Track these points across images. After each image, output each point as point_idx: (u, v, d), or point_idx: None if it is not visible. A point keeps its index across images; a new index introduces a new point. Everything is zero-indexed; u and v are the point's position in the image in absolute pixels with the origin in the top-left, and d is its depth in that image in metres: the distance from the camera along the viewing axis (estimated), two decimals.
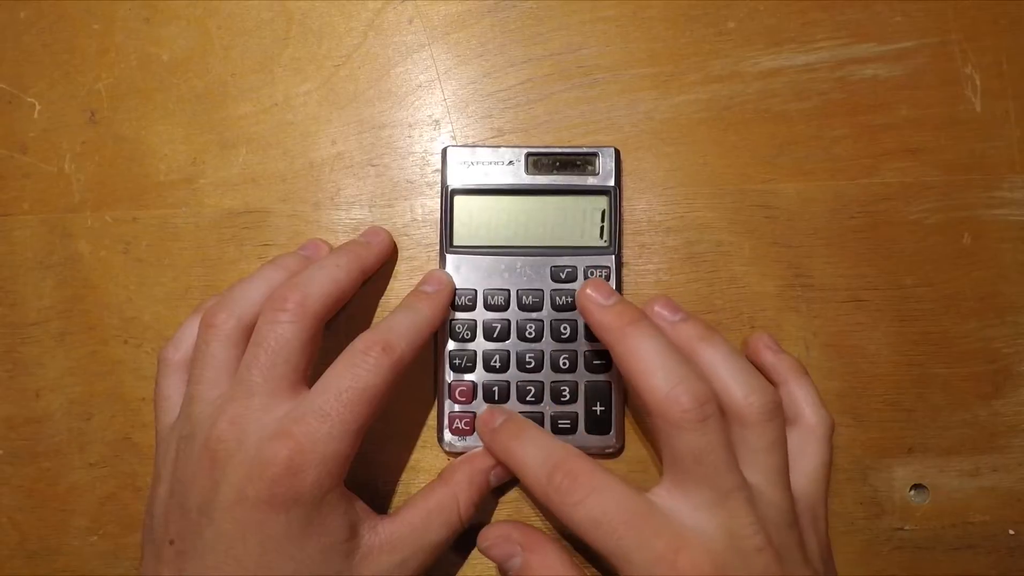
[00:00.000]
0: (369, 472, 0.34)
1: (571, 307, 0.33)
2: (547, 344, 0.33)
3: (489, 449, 0.31)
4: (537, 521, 0.34)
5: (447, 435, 0.33)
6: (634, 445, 0.34)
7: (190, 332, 0.31)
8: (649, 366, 0.27)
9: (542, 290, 0.33)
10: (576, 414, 0.33)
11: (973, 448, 0.34)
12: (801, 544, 0.28)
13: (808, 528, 0.29)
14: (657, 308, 0.31)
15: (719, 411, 0.27)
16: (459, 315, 0.33)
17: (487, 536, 0.30)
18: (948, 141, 0.35)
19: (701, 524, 0.26)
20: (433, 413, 0.34)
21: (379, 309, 0.35)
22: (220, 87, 0.36)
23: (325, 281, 0.30)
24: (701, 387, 0.27)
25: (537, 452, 0.28)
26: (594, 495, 0.26)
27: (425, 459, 0.34)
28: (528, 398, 0.33)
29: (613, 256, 0.33)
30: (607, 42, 0.36)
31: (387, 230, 0.35)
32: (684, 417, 0.26)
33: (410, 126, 0.36)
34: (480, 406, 0.33)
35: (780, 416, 0.29)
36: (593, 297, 0.29)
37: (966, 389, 0.34)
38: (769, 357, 0.33)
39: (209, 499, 0.26)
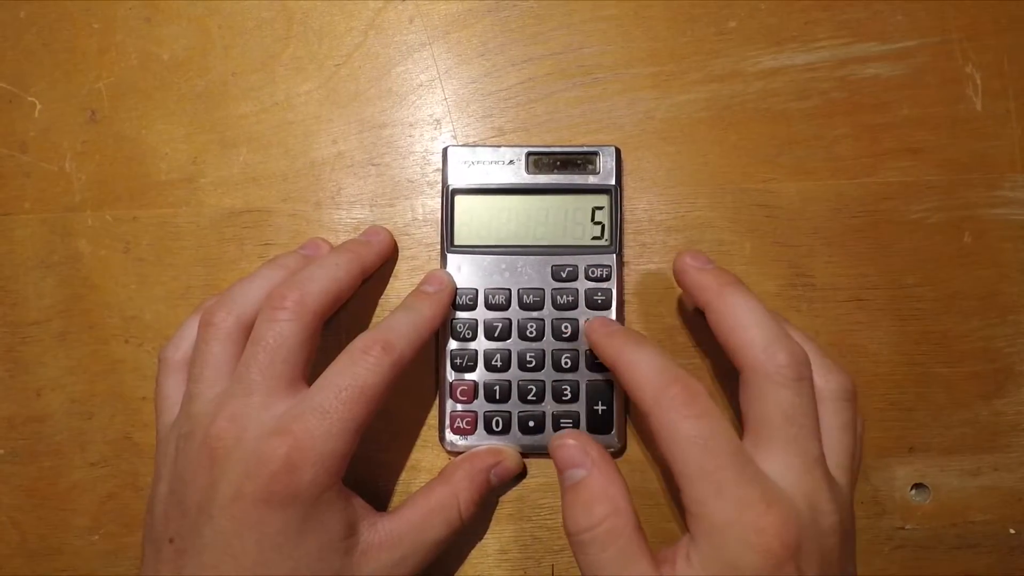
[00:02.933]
0: (370, 471, 0.34)
1: (572, 306, 0.33)
2: (548, 343, 0.33)
3: (599, 350, 0.30)
4: (538, 519, 0.34)
5: (448, 434, 0.33)
6: (636, 444, 0.34)
7: (190, 331, 0.31)
8: (748, 322, 0.27)
9: (543, 289, 0.33)
10: (577, 413, 0.33)
11: (974, 447, 0.34)
12: (853, 540, 0.28)
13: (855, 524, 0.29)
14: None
15: (812, 379, 0.27)
16: (460, 314, 0.33)
17: (559, 437, 0.28)
18: (949, 140, 0.35)
19: (789, 488, 0.25)
20: (434, 412, 0.34)
21: (379, 308, 0.35)
22: (221, 86, 0.36)
23: (325, 280, 0.30)
24: (799, 349, 0.27)
25: (658, 360, 0.27)
26: (708, 418, 0.25)
27: (426, 458, 0.34)
28: (529, 397, 0.33)
29: (614, 255, 0.33)
30: (608, 41, 0.36)
31: (388, 229, 0.35)
32: (781, 372, 0.26)
33: (411, 125, 0.36)
34: (481, 406, 0.33)
35: (855, 401, 0.29)
36: (691, 262, 0.30)
37: (967, 388, 0.34)
38: None
39: (208, 497, 0.26)
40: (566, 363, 0.33)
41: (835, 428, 0.28)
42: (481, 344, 0.33)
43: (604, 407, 0.33)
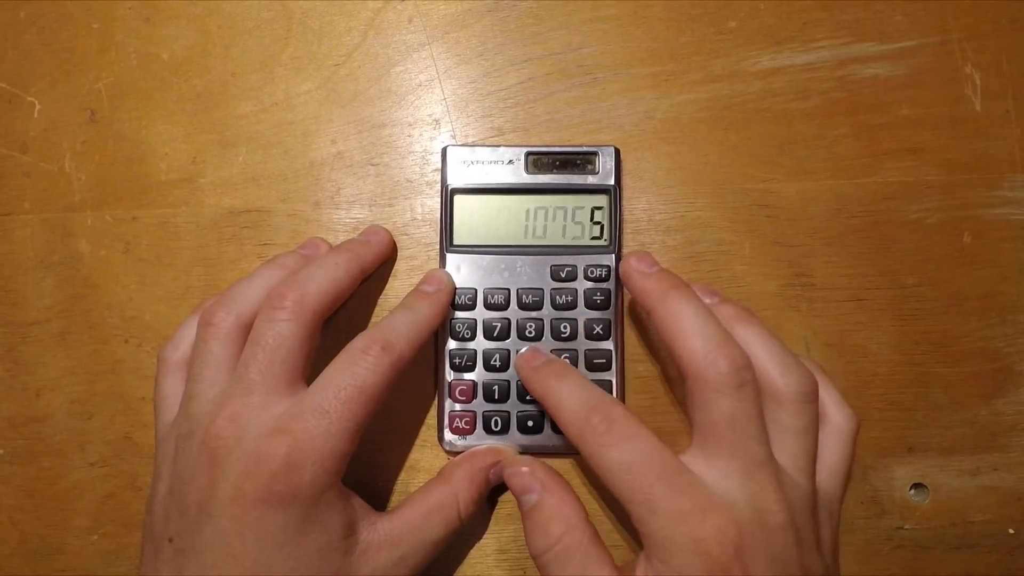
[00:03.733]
0: (369, 471, 0.34)
1: (571, 306, 0.33)
2: (547, 343, 0.33)
3: (528, 385, 0.31)
4: None
5: (447, 434, 0.33)
6: None
7: (189, 331, 0.31)
8: (688, 329, 0.27)
9: (542, 289, 0.33)
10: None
11: (974, 447, 0.34)
12: (817, 535, 0.28)
13: (824, 522, 0.29)
14: (695, 289, 0.31)
15: (756, 383, 0.27)
16: (459, 314, 0.33)
17: (512, 465, 0.30)
18: (949, 140, 0.35)
19: (730, 492, 0.26)
20: (433, 412, 0.34)
21: (379, 308, 0.35)
22: (220, 86, 0.36)
23: (324, 279, 0.30)
24: (739, 353, 0.27)
25: (578, 393, 0.28)
26: (631, 441, 0.26)
27: (425, 458, 0.34)
28: (528, 397, 0.33)
29: (613, 255, 0.33)
30: (607, 41, 0.36)
31: (387, 229, 0.35)
32: (721, 380, 0.26)
33: (410, 125, 0.36)
34: (480, 405, 0.33)
35: (815, 401, 0.29)
36: (636, 265, 0.30)
37: (967, 388, 0.34)
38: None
39: (207, 496, 0.26)
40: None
41: (791, 431, 0.28)
42: (480, 344, 0.33)
43: None
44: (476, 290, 0.33)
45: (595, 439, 0.26)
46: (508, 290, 0.33)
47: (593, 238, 0.33)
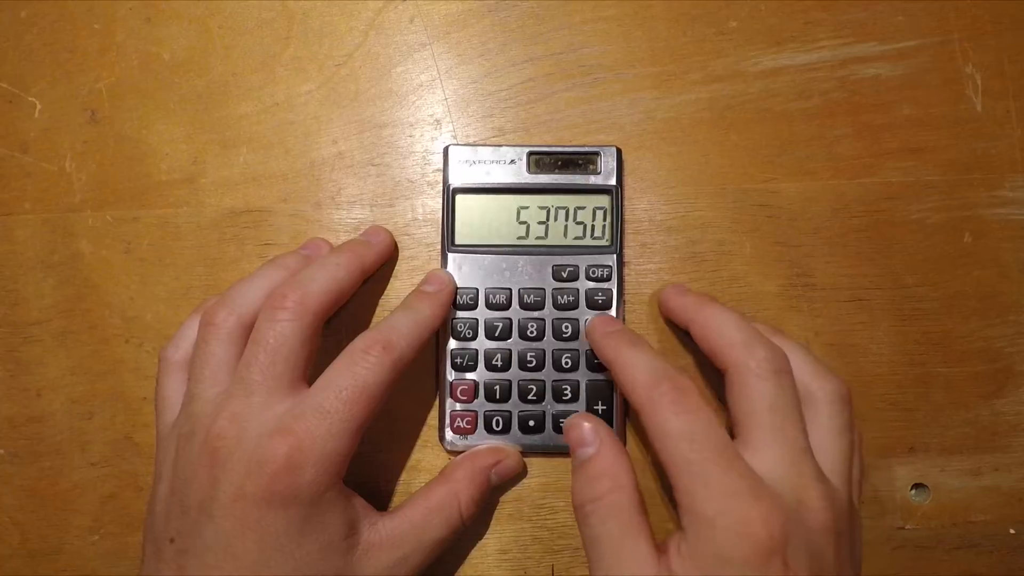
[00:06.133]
0: (370, 471, 0.34)
1: (573, 306, 0.33)
2: (548, 343, 0.33)
3: (599, 349, 0.31)
4: (538, 519, 0.34)
5: (448, 434, 0.33)
6: (636, 444, 0.34)
7: (190, 332, 0.31)
8: (727, 326, 0.29)
9: (543, 289, 0.33)
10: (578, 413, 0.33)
11: (974, 447, 0.34)
12: (851, 545, 0.27)
13: (856, 530, 0.28)
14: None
15: (793, 376, 0.28)
16: (460, 314, 0.33)
17: (573, 418, 0.30)
18: (949, 140, 0.35)
19: (776, 482, 0.26)
20: (434, 412, 0.34)
21: (380, 308, 0.35)
22: (221, 86, 0.36)
23: (325, 279, 0.30)
24: (776, 346, 0.28)
25: (652, 361, 0.28)
26: (697, 414, 0.26)
27: (426, 458, 0.34)
28: (529, 397, 0.33)
29: (615, 255, 0.33)
30: (608, 41, 0.36)
31: (388, 229, 0.35)
32: (761, 366, 0.27)
33: (411, 125, 0.36)
34: (481, 405, 0.33)
35: (850, 406, 0.29)
36: (672, 289, 0.33)
37: (967, 388, 0.34)
38: None
39: (209, 496, 0.26)
40: (566, 363, 0.33)
41: (830, 431, 0.28)
42: (481, 344, 0.33)
43: (604, 407, 0.33)
44: (477, 290, 0.33)
45: (663, 405, 0.26)
46: (509, 290, 0.33)
47: (595, 238, 0.33)
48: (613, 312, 0.33)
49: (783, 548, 0.24)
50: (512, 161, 0.34)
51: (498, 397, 0.33)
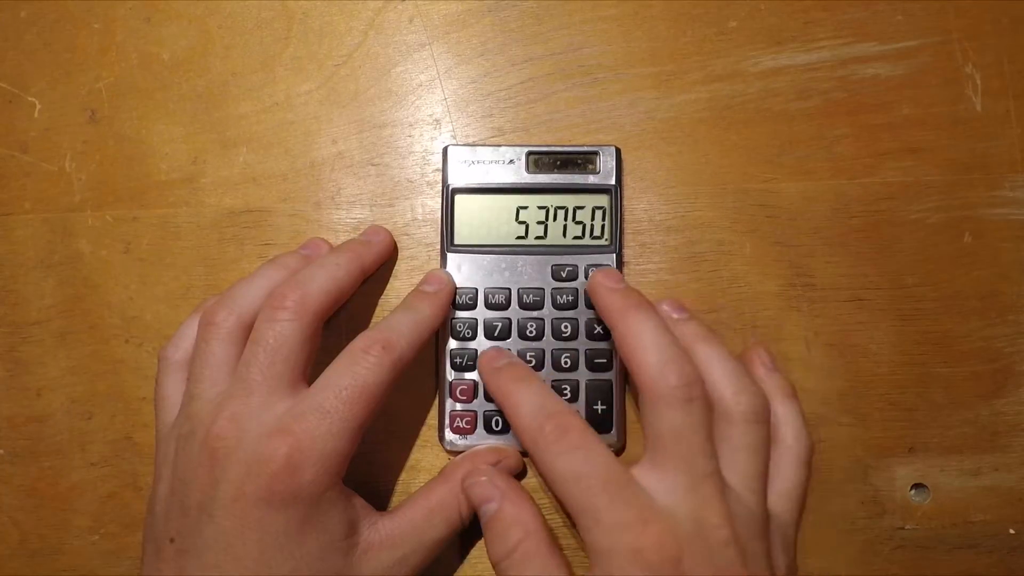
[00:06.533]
0: (370, 471, 0.34)
1: (572, 306, 0.33)
2: (548, 343, 0.33)
3: (487, 385, 0.31)
4: None
5: (448, 434, 0.33)
6: (635, 444, 0.34)
7: (190, 331, 0.31)
8: (644, 344, 0.28)
9: (543, 289, 0.33)
10: (577, 412, 0.33)
11: (974, 447, 0.34)
12: (769, 558, 0.28)
13: (778, 547, 0.29)
14: (664, 306, 0.32)
15: (706, 399, 0.28)
16: (460, 314, 0.33)
17: (472, 475, 0.30)
18: (949, 140, 0.35)
19: (672, 506, 0.26)
20: (434, 412, 0.34)
21: (379, 308, 0.35)
22: (221, 86, 0.36)
23: (325, 279, 0.30)
24: (691, 369, 0.28)
25: (535, 399, 0.28)
26: (581, 451, 0.27)
27: (426, 458, 0.34)
28: None
29: (614, 255, 0.33)
30: (608, 41, 0.36)
31: (387, 229, 0.35)
32: (671, 393, 0.27)
33: (411, 125, 0.36)
34: (481, 405, 0.33)
35: (766, 422, 0.29)
36: (603, 281, 0.31)
37: (967, 388, 0.34)
38: (760, 372, 0.32)
39: (209, 496, 0.26)
40: (566, 362, 0.33)
41: (741, 450, 0.28)
42: (481, 343, 0.33)
43: (604, 406, 0.33)
44: (477, 290, 0.33)
45: (546, 446, 0.27)
46: (509, 290, 0.33)
47: (594, 238, 0.33)
48: None
49: (679, 570, 0.25)
50: (511, 161, 0.34)
51: None
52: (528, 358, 0.33)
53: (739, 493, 0.28)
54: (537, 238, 0.33)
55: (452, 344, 0.33)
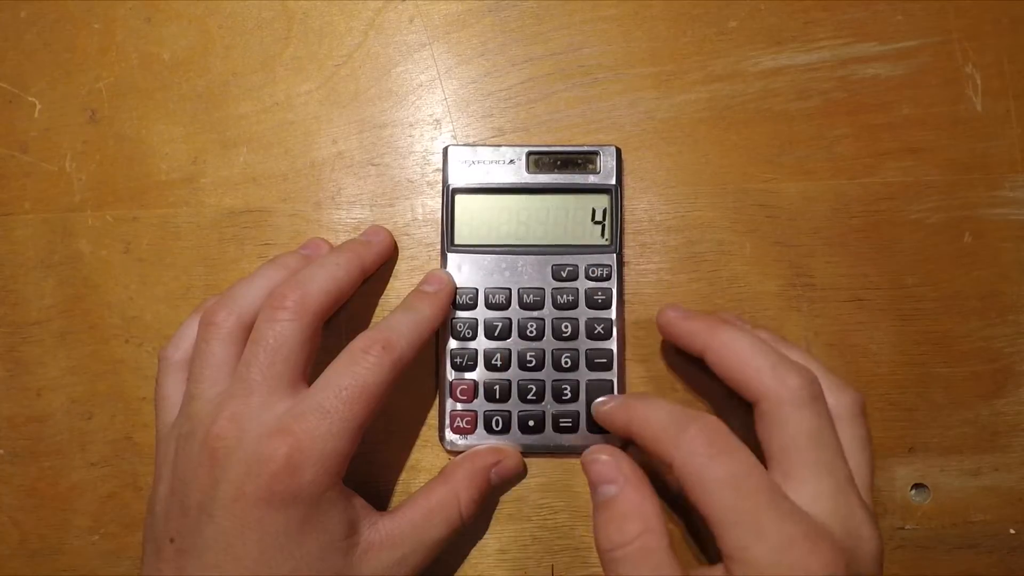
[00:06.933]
0: (370, 471, 0.34)
1: (572, 306, 0.33)
2: (548, 343, 0.33)
3: (609, 422, 0.30)
4: (538, 519, 0.34)
5: (448, 434, 0.33)
6: (634, 445, 0.34)
7: (190, 331, 0.31)
8: (749, 353, 0.27)
9: (543, 288, 0.33)
10: (577, 413, 0.33)
11: (974, 447, 0.34)
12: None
13: None
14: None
15: (825, 396, 0.27)
16: (460, 313, 0.33)
17: (592, 452, 0.28)
18: (949, 140, 0.35)
19: (823, 517, 0.24)
20: (434, 412, 0.34)
21: (379, 308, 0.35)
22: (221, 86, 0.36)
23: (325, 279, 0.30)
24: (806, 369, 0.27)
25: (669, 407, 0.27)
26: (733, 454, 0.25)
27: (426, 458, 0.34)
28: (529, 397, 0.33)
29: (614, 255, 0.33)
30: (608, 41, 0.36)
31: (388, 229, 0.35)
32: (797, 395, 0.26)
33: (411, 125, 0.36)
34: (481, 405, 0.33)
35: (866, 416, 0.28)
36: (673, 314, 0.31)
37: (967, 388, 0.34)
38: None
39: (209, 496, 0.26)
40: (566, 362, 0.33)
41: (853, 447, 0.27)
42: (481, 343, 0.33)
43: None
44: (477, 290, 0.33)
45: (696, 450, 0.25)
46: (509, 289, 0.33)
47: (594, 238, 0.33)
48: (612, 312, 0.33)
49: None
50: (511, 161, 0.34)
51: (498, 397, 0.33)
52: (528, 358, 0.33)
53: (861, 493, 0.26)
54: (537, 238, 0.33)
55: (452, 344, 0.33)
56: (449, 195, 0.34)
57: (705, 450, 0.25)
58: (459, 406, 0.33)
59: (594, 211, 0.34)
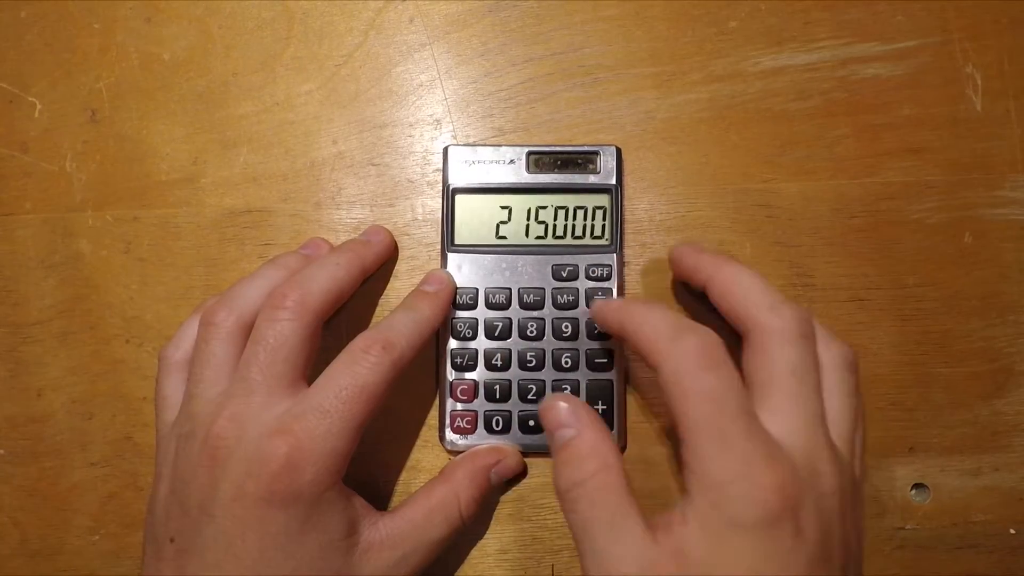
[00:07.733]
0: (370, 471, 0.34)
1: (572, 306, 0.33)
2: (548, 343, 0.33)
3: (606, 321, 0.30)
4: (538, 519, 0.34)
5: (448, 434, 0.33)
6: (636, 444, 0.34)
7: (190, 331, 0.31)
8: (751, 289, 0.28)
9: (543, 288, 0.33)
10: None
11: (974, 447, 0.34)
12: (854, 511, 0.27)
13: (859, 497, 0.28)
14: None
15: (815, 338, 0.27)
16: (460, 313, 0.33)
17: (552, 399, 0.28)
18: (949, 140, 0.35)
19: (791, 447, 0.25)
20: (434, 412, 0.34)
21: (379, 308, 0.35)
22: (221, 86, 0.36)
23: (325, 279, 0.30)
24: (802, 309, 0.27)
25: (668, 314, 0.27)
26: (721, 369, 0.25)
27: (426, 458, 0.34)
28: (529, 397, 0.33)
29: (615, 255, 0.33)
30: (608, 41, 0.36)
31: (388, 229, 0.35)
32: (788, 329, 0.26)
33: (411, 125, 0.36)
34: (481, 405, 0.33)
35: (857, 373, 0.28)
36: (687, 248, 0.31)
37: (967, 388, 0.34)
38: None
39: (209, 496, 0.26)
40: (566, 362, 0.33)
41: (838, 396, 0.27)
42: (481, 343, 0.33)
43: (604, 407, 0.33)
44: (477, 289, 0.33)
45: (686, 359, 0.25)
46: (509, 289, 0.33)
47: (595, 237, 0.33)
48: None
49: (794, 513, 0.24)
50: (512, 161, 0.34)
51: (498, 397, 0.33)
52: (528, 358, 0.33)
53: (837, 442, 0.27)
54: (538, 238, 0.33)
55: (452, 344, 0.33)
56: (449, 195, 0.34)
57: (695, 362, 0.25)
58: (459, 406, 0.33)
59: (594, 211, 0.34)
